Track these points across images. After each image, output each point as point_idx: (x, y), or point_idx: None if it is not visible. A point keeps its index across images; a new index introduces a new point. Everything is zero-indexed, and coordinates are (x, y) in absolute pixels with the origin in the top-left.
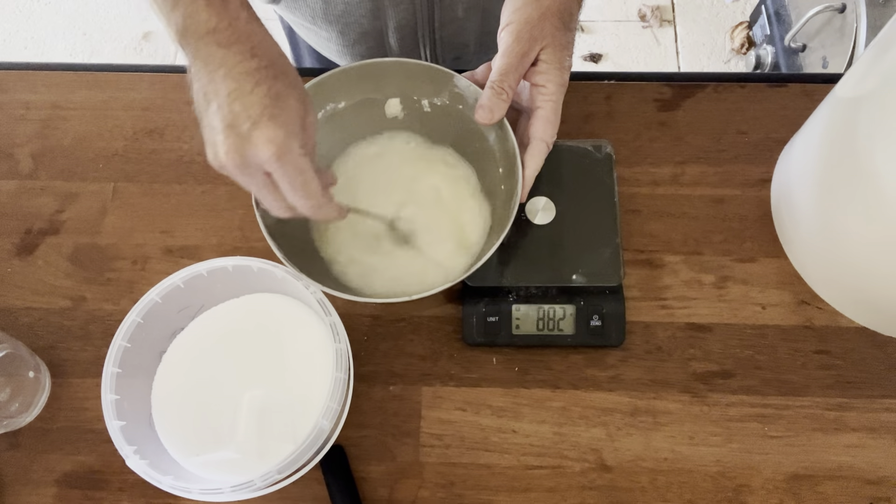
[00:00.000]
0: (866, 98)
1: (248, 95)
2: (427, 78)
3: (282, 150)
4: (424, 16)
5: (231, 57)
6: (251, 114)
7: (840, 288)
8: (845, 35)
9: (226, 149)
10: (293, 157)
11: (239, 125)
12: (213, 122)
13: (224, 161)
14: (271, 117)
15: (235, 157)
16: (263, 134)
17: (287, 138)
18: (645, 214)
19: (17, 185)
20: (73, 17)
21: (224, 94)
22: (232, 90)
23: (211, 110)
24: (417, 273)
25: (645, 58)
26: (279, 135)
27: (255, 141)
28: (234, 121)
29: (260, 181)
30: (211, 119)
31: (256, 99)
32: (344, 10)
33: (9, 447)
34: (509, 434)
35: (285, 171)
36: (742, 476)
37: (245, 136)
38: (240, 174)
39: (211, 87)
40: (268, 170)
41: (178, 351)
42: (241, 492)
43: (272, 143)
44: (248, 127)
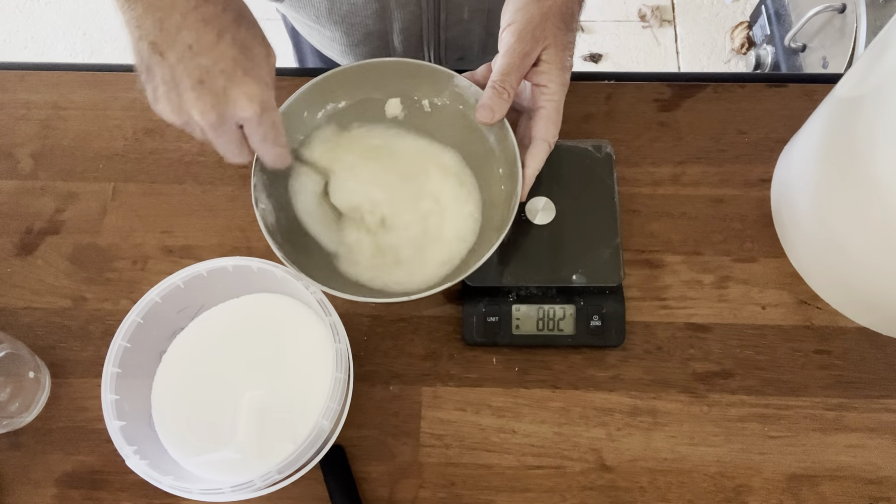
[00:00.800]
0: (866, 98)
1: (215, 47)
2: (427, 78)
3: (263, 107)
4: (430, 17)
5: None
6: (223, 68)
7: (840, 288)
8: (845, 35)
9: (200, 108)
10: (271, 112)
11: (211, 81)
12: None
13: (198, 119)
14: (245, 71)
15: (212, 115)
16: (242, 91)
17: (265, 93)
18: (645, 214)
19: (17, 185)
20: (73, 17)
21: (183, 45)
22: (193, 42)
23: (167, 63)
24: (416, 272)
25: (645, 58)
26: (257, 90)
27: (235, 99)
28: (203, 76)
29: (231, 135)
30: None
31: (224, 50)
32: (349, 11)
33: (9, 447)
34: (509, 434)
35: (261, 127)
36: (742, 476)
37: (221, 93)
38: (212, 131)
39: (162, 37)
40: (244, 125)
41: (178, 351)
42: (241, 492)
43: (253, 101)
44: (222, 83)
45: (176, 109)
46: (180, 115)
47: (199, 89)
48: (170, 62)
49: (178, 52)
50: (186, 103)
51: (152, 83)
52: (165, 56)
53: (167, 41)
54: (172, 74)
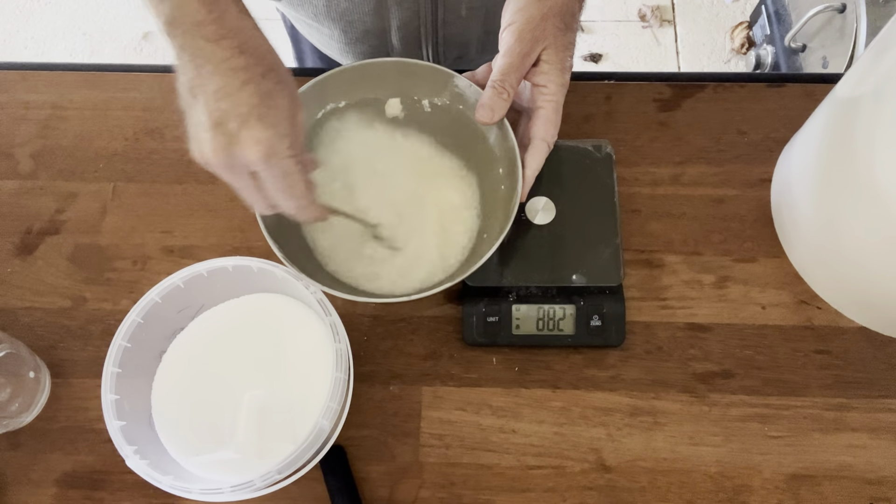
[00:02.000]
0: (866, 98)
1: (237, 93)
2: (427, 78)
3: (269, 152)
4: (428, 15)
5: (219, 52)
6: (239, 112)
7: (840, 288)
8: (845, 35)
9: (213, 147)
10: (280, 158)
11: (226, 124)
12: (201, 119)
13: (210, 159)
14: (259, 117)
15: (222, 156)
16: (251, 135)
17: (275, 139)
18: (645, 214)
19: (17, 185)
20: (73, 17)
21: (211, 90)
22: (219, 87)
23: (198, 106)
24: (416, 272)
25: (645, 58)
26: (267, 136)
27: (243, 141)
28: (221, 119)
29: (245, 180)
30: (198, 115)
31: (245, 97)
32: (347, 8)
33: (9, 447)
34: (509, 434)
35: (271, 172)
36: (742, 476)
37: (233, 135)
38: (226, 173)
39: (198, 82)
40: (255, 170)
41: (178, 351)
42: (241, 492)
43: (260, 145)
44: (235, 126)
45: (198, 150)
46: (201, 155)
47: (214, 130)
48: (199, 105)
49: (206, 96)
50: (203, 143)
51: (188, 124)
52: (197, 98)
53: (200, 86)
54: (199, 116)
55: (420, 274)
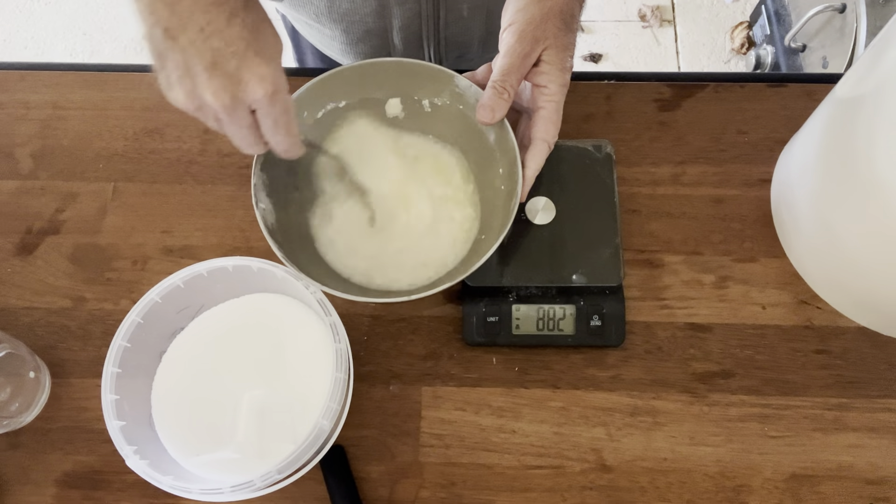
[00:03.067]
0: (866, 98)
1: (226, 29)
2: (428, 78)
3: (275, 88)
4: (429, 15)
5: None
6: (235, 49)
7: (840, 288)
8: (845, 35)
9: (213, 89)
10: (284, 94)
11: (224, 63)
12: (188, 61)
13: (211, 102)
14: (257, 52)
15: (224, 97)
16: (255, 72)
17: (277, 74)
18: (645, 214)
19: (17, 185)
20: (73, 17)
21: (195, 28)
22: (204, 25)
23: (179, 48)
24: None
25: (645, 58)
26: (269, 71)
27: (247, 80)
28: (216, 58)
29: (244, 120)
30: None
31: (236, 32)
32: (349, 9)
33: (9, 447)
34: (509, 434)
35: (274, 108)
36: (742, 476)
37: (233, 74)
38: (226, 114)
39: (174, 22)
40: (257, 108)
41: (178, 351)
42: (241, 492)
43: (265, 81)
44: (235, 65)
45: (189, 94)
46: (193, 99)
47: (211, 71)
48: (182, 46)
49: (190, 36)
50: (199, 87)
51: (165, 70)
52: (178, 40)
53: (179, 25)
54: (185, 58)
55: (420, 274)
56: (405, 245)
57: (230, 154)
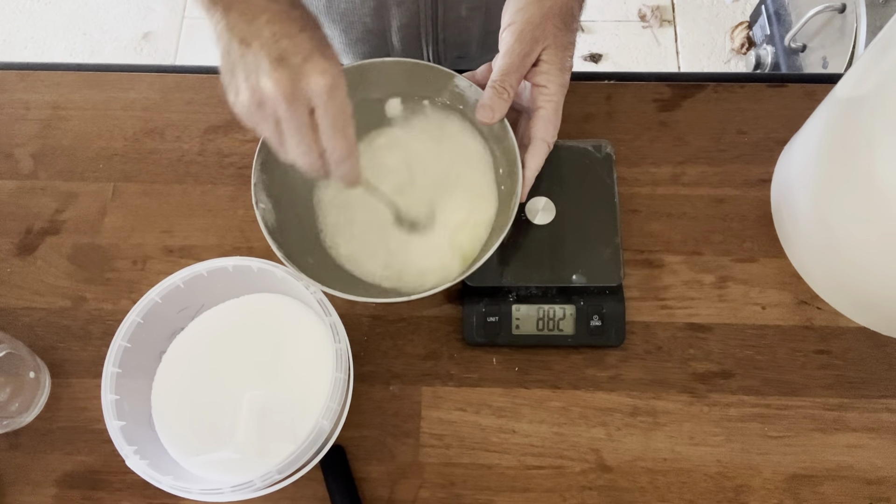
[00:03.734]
0: (866, 98)
1: (297, 35)
2: (428, 78)
3: (335, 83)
4: (428, 15)
5: (272, 5)
6: (302, 49)
7: (840, 288)
8: (845, 35)
9: (275, 78)
10: (343, 92)
11: (289, 58)
12: (257, 60)
13: (271, 91)
14: (322, 53)
15: (287, 85)
16: (317, 66)
17: (338, 72)
18: (645, 214)
19: (17, 185)
20: (73, 17)
21: (269, 34)
22: (277, 31)
23: (252, 50)
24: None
25: (645, 58)
26: (332, 67)
27: (309, 72)
28: (283, 55)
29: (301, 116)
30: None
31: (305, 39)
32: (347, 9)
33: (9, 447)
34: (509, 434)
35: (333, 105)
36: (742, 476)
37: (297, 67)
38: (285, 105)
39: (251, 31)
40: (316, 104)
41: (178, 351)
42: (241, 492)
43: (326, 74)
44: (299, 60)
45: (253, 89)
46: (256, 93)
47: (276, 65)
48: (254, 50)
49: (263, 40)
50: (263, 78)
51: (234, 80)
52: (251, 45)
53: (254, 33)
54: (255, 58)
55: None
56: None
57: (230, 154)
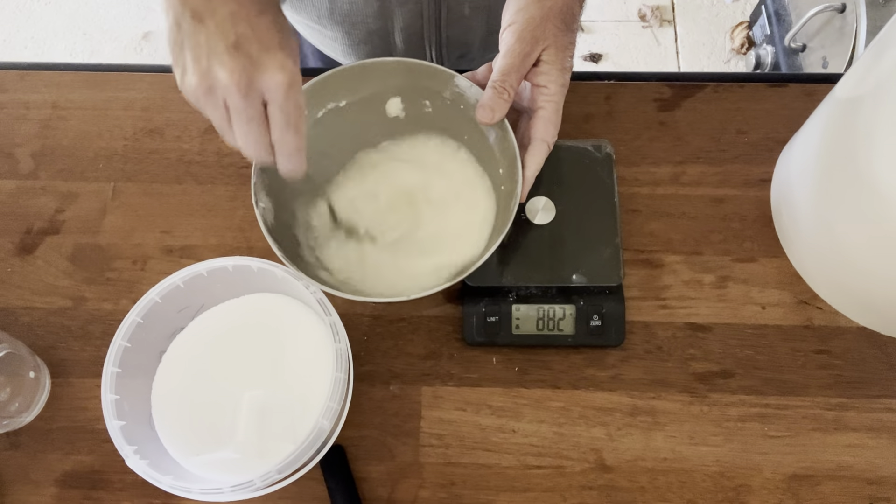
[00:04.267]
0: (866, 98)
1: (256, 19)
2: (428, 77)
3: (294, 79)
4: (431, 15)
5: None
6: (260, 36)
7: (840, 288)
8: (845, 35)
9: (230, 68)
10: (299, 88)
11: (246, 46)
12: (210, 41)
13: (224, 80)
14: (281, 45)
15: (240, 77)
16: (275, 59)
17: (296, 69)
18: (645, 214)
19: (17, 185)
20: (73, 17)
21: (225, 13)
22: (234, 11)
23: (206, 30)
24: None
25: (645, 58)
26: (291, 62)
27: (267, 65)
28: (240, 41)
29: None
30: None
31: (264, 24)
32: (350, 10)
33: (9, 447)
34: (509, 434)
35: (288, 103)
36: (742, 476)
37: (255, 59)
38: (238, 96)
39: (205, 6)
40: (271, 98)
41: (178, 351)
42: (241, 492)
43: (285, 71)
44: (257, 49)
45: (204, 73)
46: (206, 79)
47: (232, 52)
48: (208, 27)
49: (219, 18)
50: (215, 66)
51: (182, 57)
52: (205, 22)
53: (209, 9)
54: (208, 39)
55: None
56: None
57: (230, 154)
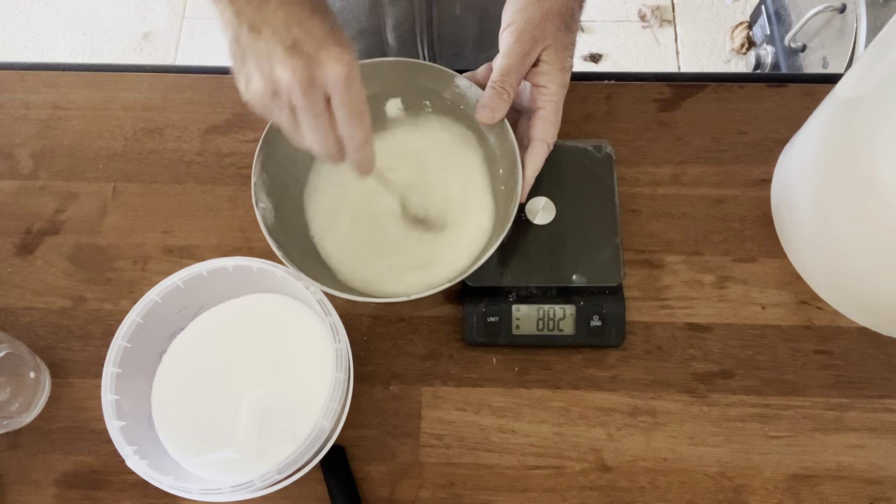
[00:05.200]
0: (866, 98)
1: (308, 20)
2: (428, 78)
3: (351, 70)
4: (422, 13)
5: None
6: (315, 35)
7: (840, 288)
8: (845, 35)
9: (291, 67)
10: (358, 79)
11: (303, 45)
12: (269, 47)
13: (287, 79)
14: (336, 41)
15: (303, 74)
16: (331, 53)
17: (353, 59)
18: (645, 214)
19: (17, 185)
20: (73, 17)
21: (280, 20)
22: (288, 16)
23: (263, 38)
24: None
25: (645, 58)
26: (347, 53)
27: (324, 60)
28: (296, 43)
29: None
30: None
31: (317, 24)
32: (341, 8)
33: (9, 447)
34: (509, 434)
35: (350, 93)
36: (742, 476)
37: (312, 55)
38: (301, 93)
39: (259, 17)
40: (332, 91)
41: (178, 351)
42: (241, 492)
43: (342, 61)
44: (314, 47)
45: (267, 77)
46: (270, 82)
47: (290, 52)
48: (265, 35)
49: (273, 26)
50: (277, 67)
51: (245, 68)
52: (262, 32)
53: (264, 20)
54: (266, 46)
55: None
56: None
57: (230, 154)
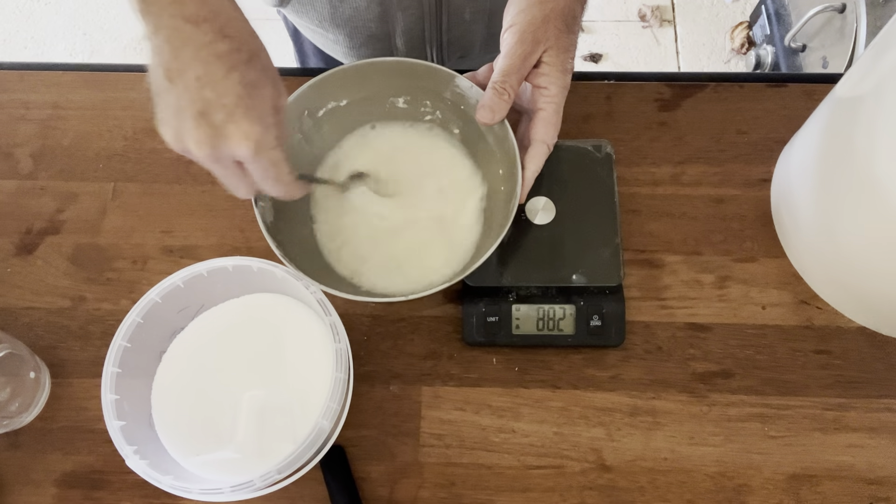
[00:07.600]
0: (866, 98)
1: (222, 81)
2: (429, 78)
3: (258, 147)
4: (432, 19)
5: (199, 36)
6: (224, 103)
7: (840, 288)
8: (845, 35)
9: (197, 138)
10: (268, 150)
11: (211, 115)
12: (180, 105)
13: (193, 150)
14: (246, 110)
15: (206, 148)
16: (239, 129)
17: (262, 133)
18: (645, 214)
19: (17, 185)
20: (73, 17)
21: (192, 77)
22: (201, 74)
23: (175, 91)
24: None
25: (645, 58)
26: (255, 130)
27: (230, 135)
28: (205, 109)
29: (229, 170)
30: (175, 100)
31: (230, 86)
32: (352, 15)
33: (9, 447)
34: (509, 434)
35: (257, 164)
36: (742, 476)
37: (219, 128)
38: (209, 163)
39: (175, 66)
40: (241, 160)
41: (178, 351)
42: (241, 492)
43: (248, 140)
44: (222, 118)
45: (176, 136)
46: (179, 142)
47: (198, 120)
48: (177, 90)
49: (186, 82)
50: (185, 133)
51: (160, 107)
52: (174, 83)
53: (178, 70)
54: (178, 102)
55: (425, 276)
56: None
57: None
